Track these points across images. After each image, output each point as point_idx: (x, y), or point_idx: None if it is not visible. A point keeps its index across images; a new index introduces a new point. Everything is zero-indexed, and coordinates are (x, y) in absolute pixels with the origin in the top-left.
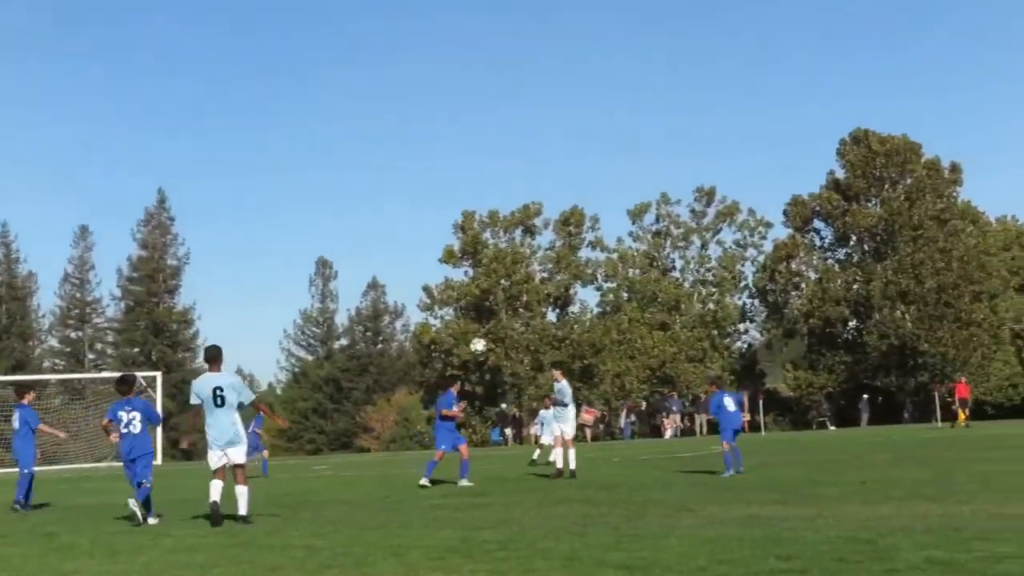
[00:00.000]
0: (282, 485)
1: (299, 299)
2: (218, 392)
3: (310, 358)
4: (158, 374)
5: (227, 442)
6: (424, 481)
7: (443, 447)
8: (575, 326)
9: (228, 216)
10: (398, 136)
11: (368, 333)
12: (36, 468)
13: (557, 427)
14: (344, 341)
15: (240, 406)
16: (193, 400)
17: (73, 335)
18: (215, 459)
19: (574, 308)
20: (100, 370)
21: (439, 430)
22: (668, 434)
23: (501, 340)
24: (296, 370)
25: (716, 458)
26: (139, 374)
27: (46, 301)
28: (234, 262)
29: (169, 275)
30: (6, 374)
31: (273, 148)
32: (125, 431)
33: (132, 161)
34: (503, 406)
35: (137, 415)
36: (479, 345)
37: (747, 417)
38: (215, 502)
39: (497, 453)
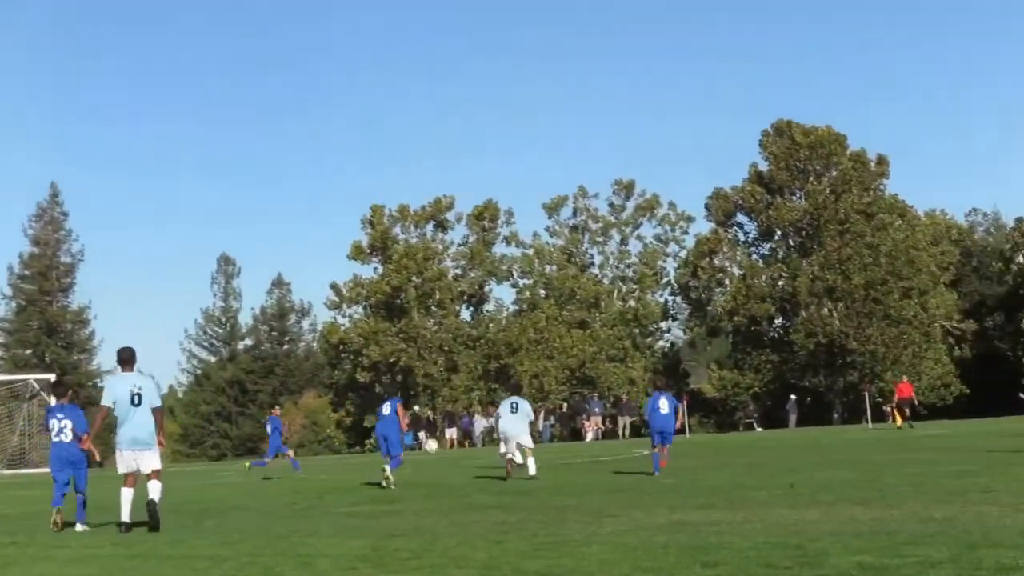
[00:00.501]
0: (184, 493)
1: (200, 298)
2: (135, 392)
3: (213, 359)
4: (52, 376)
5: (142, 444)
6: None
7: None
8: (490, 325)
9: (124, 211)
10: (304, 126)
11: (274, 333)
12: None
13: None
14: (248, 341)
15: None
16: (106, 400)
17: None
18: (124, 463)
19: (489, 306)
20: None
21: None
22: (589, 437)
23: (413, 340)
24: (198, 372)
25: (640, 461)
26: (32, 377)
27: None
28: (131, 259)
29: (63, 272)
30: None
31: (171, 137)
32: (58, 439)
33: (21, 151)
34: (416, 408)
35: (69, 423)
36: (431, 446)
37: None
38: (126, 523)
39: (410, 457)
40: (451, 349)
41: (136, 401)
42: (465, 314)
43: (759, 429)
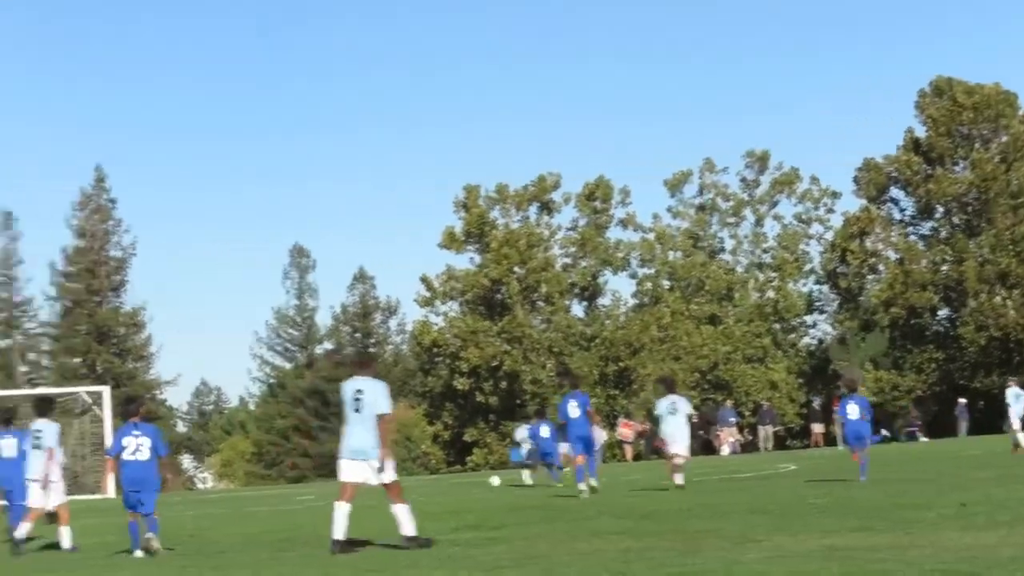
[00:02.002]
0: (260, 520)
1: (272, 296)
2: (358, 396)
3: (288, 366)
4: (105, 389)
5: (363, 454)
6: (583, 486)
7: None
8: (606, 322)
9: (181, 197)
10: (387, 100)
11: (357, 335)
12: None
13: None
14: (328, 345)
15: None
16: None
17: (0, 343)
18: (348, 472)
19: (604, 300)
20: (35, 385)
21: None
22: (725, 450)
23: (518, 340)
24: (272, 381)
25: (783, 478)
26: (82, 389)
27: None
28: (190, 252)
29: (112, 269)
30: None
31: (235, 114)
32: (132, 457)
33: (62, 132)
34: (523, 421)
35: (147, 441)
36: (495, 480)
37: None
38: (337, 540)
39: (518, 477)
40: (562, 350)
41: (357, 407)
42: (577, 310)
43: (924, 438)
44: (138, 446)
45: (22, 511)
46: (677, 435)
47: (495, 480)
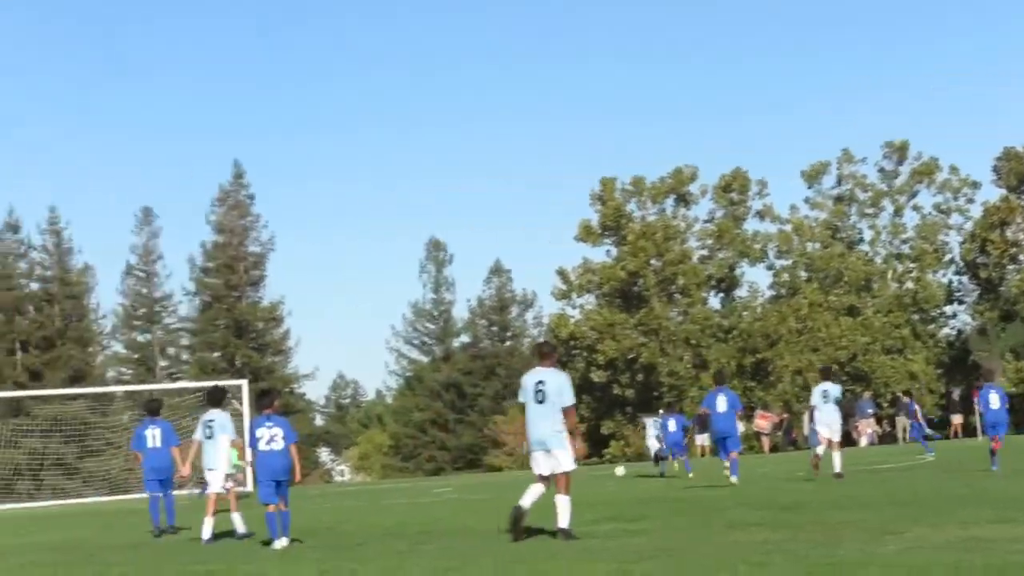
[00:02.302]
0: (397, 513)
1: (408, 289)
2: (540, 387)
3: (425, 360)
4: (244, 382)
5: (544, 445)
6: (735, 479)
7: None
8: (744, 313)
9: (318, 192)
10: (525, 92)
11: (493, 328)
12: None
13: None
14: (465, 338)
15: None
16: (520, 398)
17: (140, 338)
18: (537, 464)
19: (741, 292)
20: (175, 379)
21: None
22: (864, 442)
23: (655, 333)
24: (409, 374)
25: (922, 469)
26: (222, 383)
27: (107, 299)
28: (327, 246)
29: (251, 264)
30: (64, 386)
31: (371, 108)
32: (267, 448)
33: (201, 128)
34: (661, 413)
35: (280, 432)
36: (620, 471)
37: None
38: (519, 506)
39: (656, 468)
40: (699, 342)
41: (540, 398)
42: (714, 302)
43: None
44: (272, 437)
45: (170, 501)
46: (830, 421)
47: (620, 470)
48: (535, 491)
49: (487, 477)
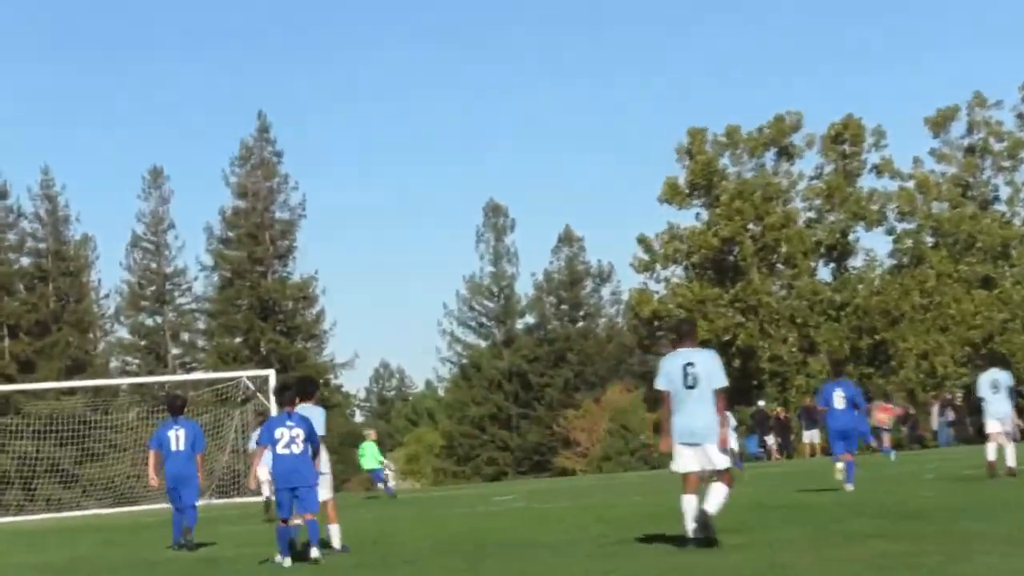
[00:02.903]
0: (452, 522)
1: (463, 261)
2: (689, 370)
3: (483, 344)
4: (270, 372)
5: (700, 437)
6: (851, 486)
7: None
8: (859, 287)
9: (355, 148)
10: (594, 30)
11: (563, 306)
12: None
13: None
14: (530, 319)
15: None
16: (659, 384)
17: (149, 321)
18: (684, 460)
19: (856, 261)
20: (189, 369)
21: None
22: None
23: (753, 310)
24: (464, 362)
25: None
26: (244, 374)
27: (109, 276)
28: (368, 212)
29: (278, 233)
30: (60, 378)
31: (419, 52)
32: (285, 451)
33: (219, 77)
34: (761, 404)
35: (301, 433)
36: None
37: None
38: (697, 521)
39: (756, 470)
40: (806, 321)
41: (690, 382)
42: (824, 272)
43: None
44: (292, 438)
45: (192, 514)
46: (1002, 415)
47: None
48: (691, 510)
49: (557, 482)
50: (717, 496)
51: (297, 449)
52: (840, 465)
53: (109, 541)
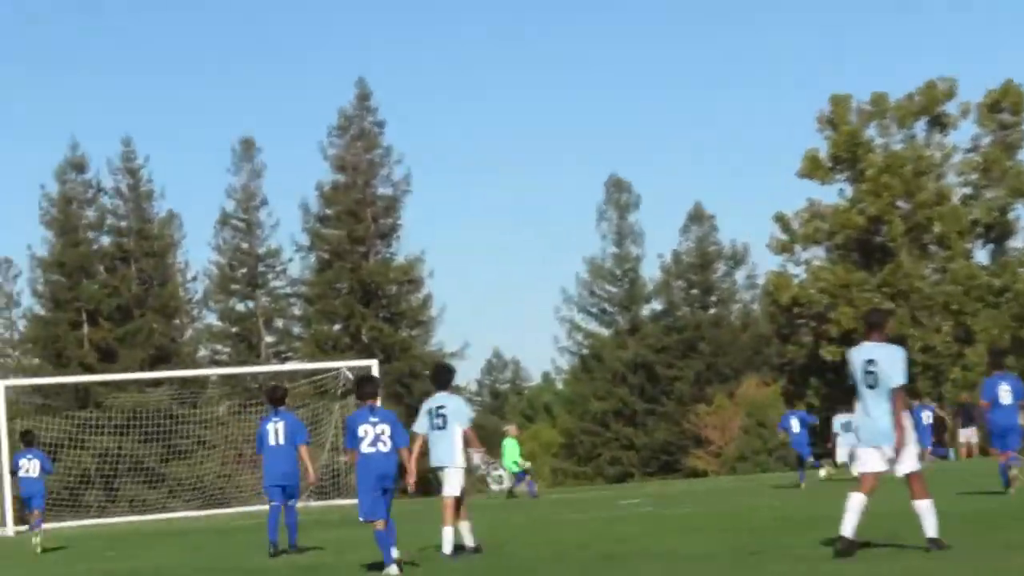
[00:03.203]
0: (572, 529)
1: (584, 242)
2: (870, 367)
3: (605, 332)
4: (373, 363)
5: (881, 439)
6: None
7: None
8: (1019, 270)
9: (463, 118)
10: None
11: (694, 291)
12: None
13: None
14: (657, 304)
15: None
16: (854, 379)
17: (240, 307)
18: (868, 462)
19: (1016, 242)
20: (283, 359)
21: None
22: None
23: (904, 296)
24: (585, 352)
25: None
26: (344, 364)
27: (197, 256)
28: (477, 187)
29: (381, 211)
30: (143, 368)
31: (533, 12)
32: (372, 449)
33: (314, 36)
34: (914, 402)
35: (387, 429)
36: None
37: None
38: (844, 537)
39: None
40: (961, 308)
41: (871, 382)
42: (980, 255)
43: None
44: (377, 435)
45: (293, 515)
46: None
47: (822, 472)
48: (855, 508)
49: (687, 484)
50: (927, 516)
51: (385, 447)
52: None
53: (197, 547)
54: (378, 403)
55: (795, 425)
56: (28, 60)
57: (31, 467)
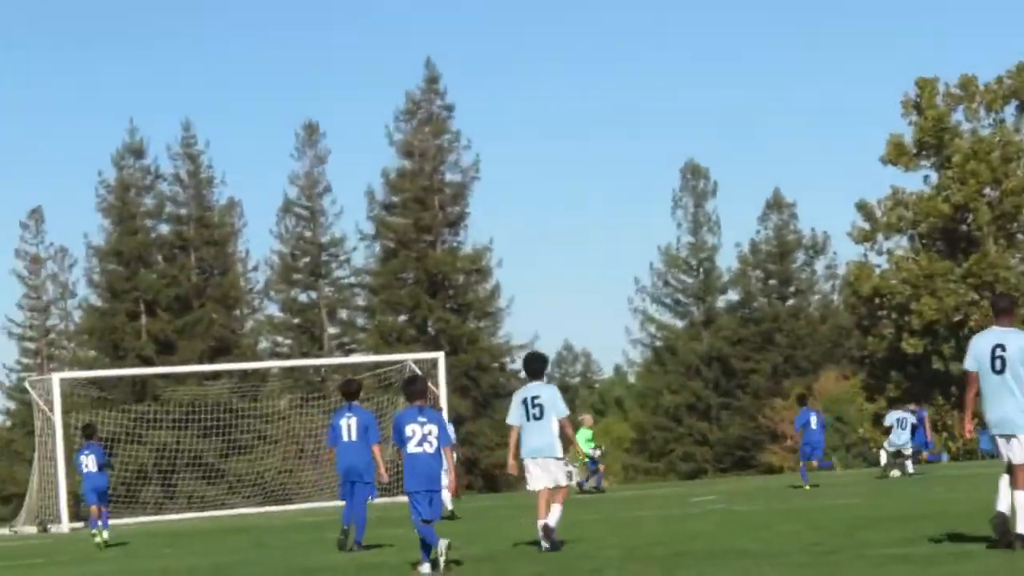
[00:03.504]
0: (645, 528)
1: (658, 230)
2: (1000, 353)
3: (679, 324)
4: (440, 355)
5: (1004, 428)
6: None
7: None
8: None
9: (534, 103)
10: None
11: (772, 281)
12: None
13: None
14: (734, 295)
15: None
16: (967, 364)
17: (303, 297)
18: (1003, 450)
19: None
20: (348, 352)
21: None
22: None
23: (990, 287)
24: (658, 344)
25: None
26: (410, 357)
27: (258, 245)
28: (547, 173)
29: (449, 198)
30: (203, 360)
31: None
32: (418, 449)
33: (378, 15)
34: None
35: (434, 430)
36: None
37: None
38: (1001, 512)
39: (983, 471)
40: None
41: (998, 367)
42: None
43: None
44: (424, 435)
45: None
46: None
47: (895, 473)
48: (1005, 488)
49: (762, 481)
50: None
51: (431, 448)
52: None
53: (259, 543)
54: (426, 403)
55: (813, 422)
56: (86, 42)
57: (88, 462)
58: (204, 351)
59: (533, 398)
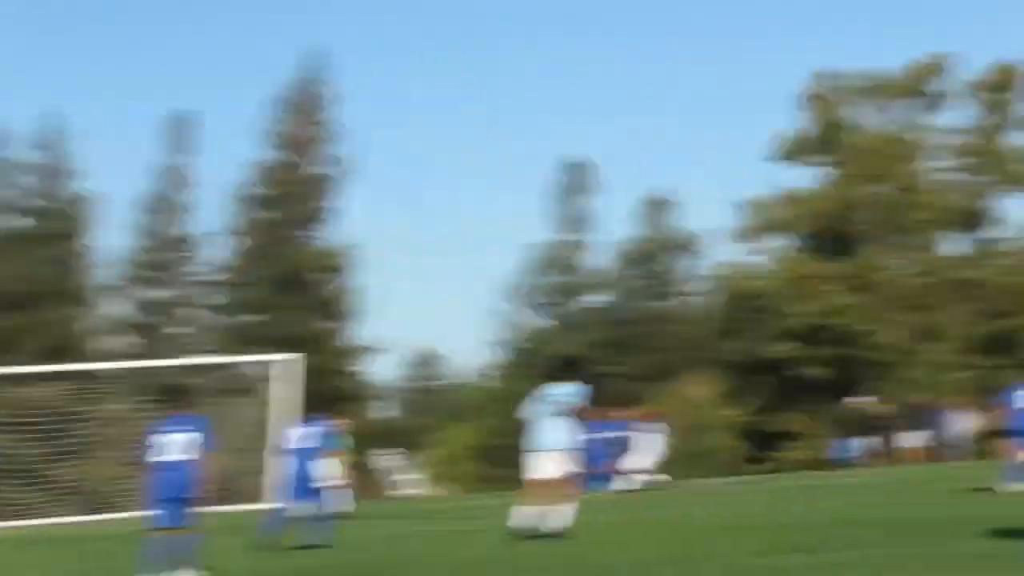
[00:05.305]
0: (479, 542)
1: (529, 226)
2: None
3: (547, 326)
4: (296, 356)
5: None
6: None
7: None
8: (998, 261)
9: (401, 95)
10: None
11: (644, 281)
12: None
13: None
14: (607, 296)
15: None
16: None
17: (152, 294)
18: None
19: (998, 232)
20: (198, 353)
21: None
22: None
23: (866, 289)
24: (525, 347)
25: None
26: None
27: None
28: (411, 169)
29: (311, 193)
30: (41, 360)
31: None
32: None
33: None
34: (858, 400)
35: (186, 438)
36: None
37: None
38: None
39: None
40: (924, 303)
41: None
42: (958, 245)
43: None
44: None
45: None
46: None
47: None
48: None
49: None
50: None
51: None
52: None
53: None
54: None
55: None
56: None
57: None
58: (42, 348)
59: (545, 394)
